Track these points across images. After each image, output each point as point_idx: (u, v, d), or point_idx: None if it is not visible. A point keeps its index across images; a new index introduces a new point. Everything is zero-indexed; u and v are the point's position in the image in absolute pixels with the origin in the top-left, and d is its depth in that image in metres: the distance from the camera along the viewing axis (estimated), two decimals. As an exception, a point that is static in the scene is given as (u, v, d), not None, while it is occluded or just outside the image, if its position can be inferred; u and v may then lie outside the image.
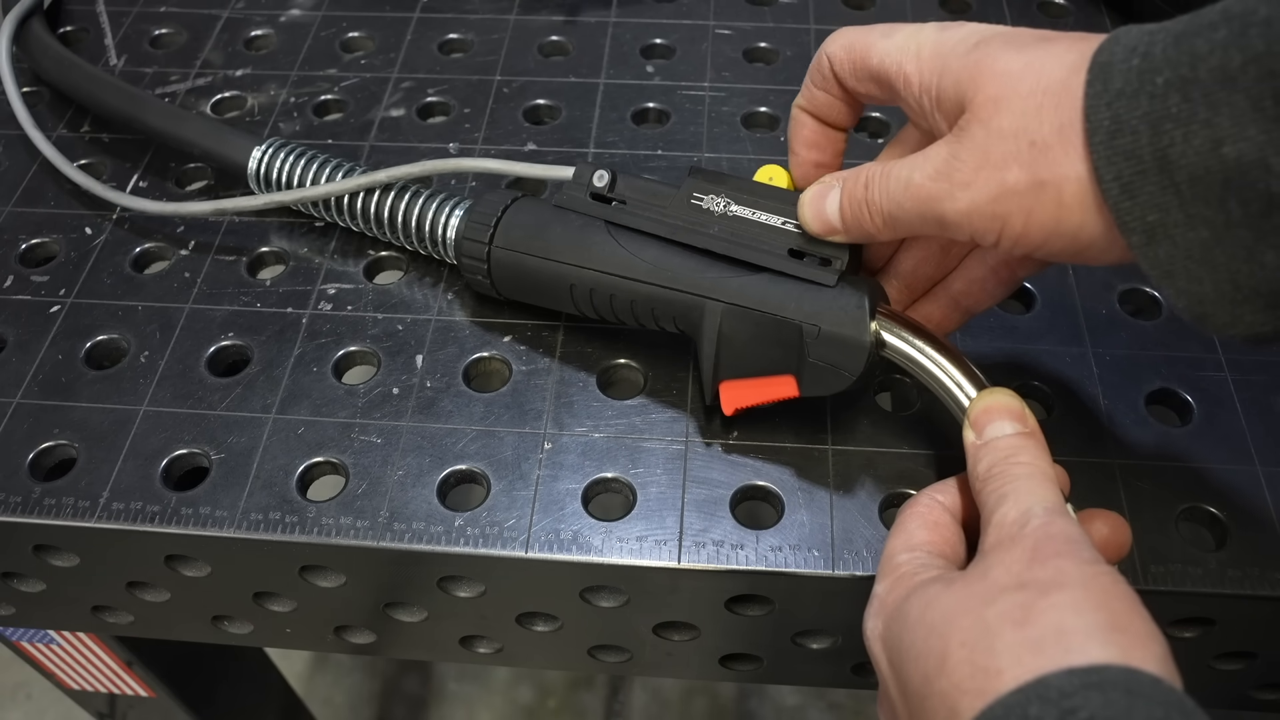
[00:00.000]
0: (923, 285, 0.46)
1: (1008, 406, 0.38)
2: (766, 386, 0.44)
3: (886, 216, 0.39)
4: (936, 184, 0.37)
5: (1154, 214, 0.33)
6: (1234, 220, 0.32)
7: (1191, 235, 0.32)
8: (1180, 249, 0.33)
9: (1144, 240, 0.33)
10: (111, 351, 0.52)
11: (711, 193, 0.45)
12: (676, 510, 0.45)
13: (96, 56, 0.68)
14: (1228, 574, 0.43)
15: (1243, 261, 0.32)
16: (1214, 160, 0.31)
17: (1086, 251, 0.35)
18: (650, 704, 1.28)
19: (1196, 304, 0.34)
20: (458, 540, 0.44)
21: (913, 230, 0.39)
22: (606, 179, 0.47)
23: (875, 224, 0.40)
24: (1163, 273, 0.33)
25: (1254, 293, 0.33)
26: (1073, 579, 0.31)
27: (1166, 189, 0.32)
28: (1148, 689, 0.28)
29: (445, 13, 0.69)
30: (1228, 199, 0.31)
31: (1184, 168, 0.32)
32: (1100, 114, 0.33)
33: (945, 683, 0.30)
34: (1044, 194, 0.34)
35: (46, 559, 0.49)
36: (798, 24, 0.68)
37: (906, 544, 0.37)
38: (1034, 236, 0.35)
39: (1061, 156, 0.34)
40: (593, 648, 0.51)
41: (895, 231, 0.40)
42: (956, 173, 0.36)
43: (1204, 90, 0.31)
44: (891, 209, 0.39)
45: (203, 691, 0.79)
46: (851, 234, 0.41)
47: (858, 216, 0.40)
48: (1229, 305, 0.33)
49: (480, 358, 0.51)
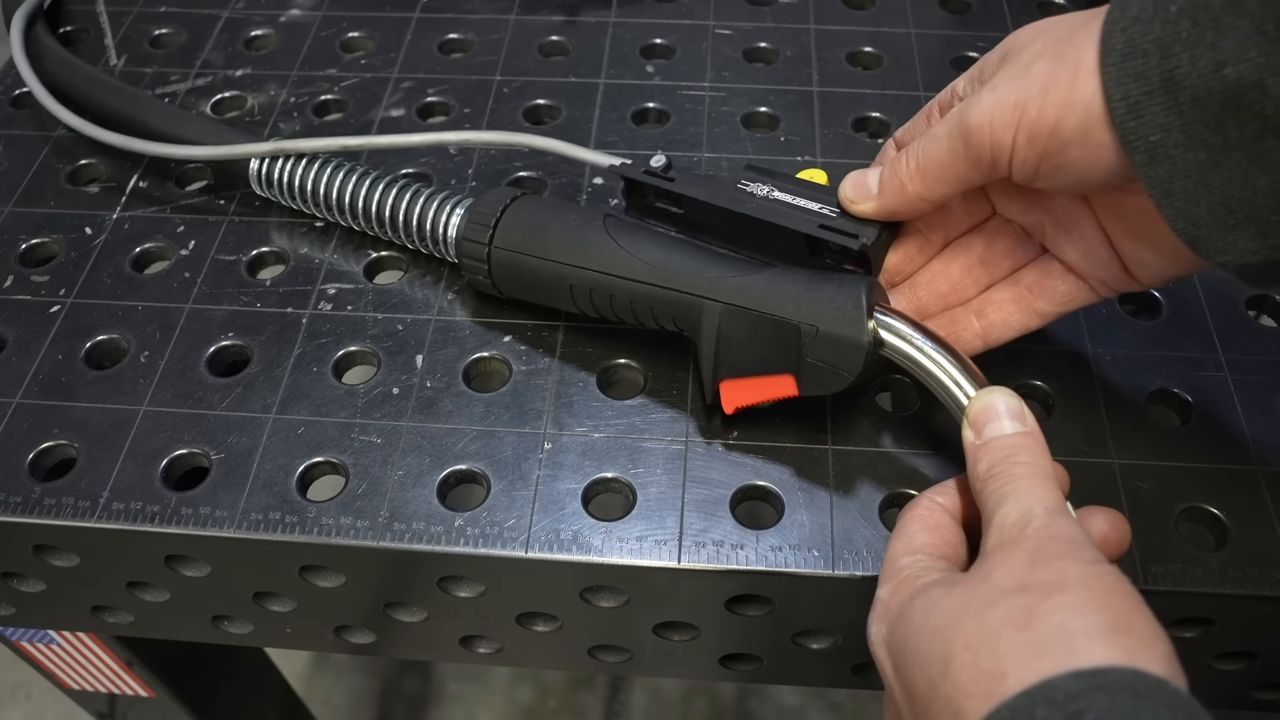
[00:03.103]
0: (944, 300, 0.46)
1: (1007, 405, 0.38)
2: (766, 386, 0.44)
3: (920, 158, 0.41)
4: (967, 91, 0.41)
5: (1157, 134, 0.34)
6: (1230, 143, 0.33)
7: (1190, 156, 0.34)
8: (1179, 169, 0.35)
9: (1146, 159, 0.35)
10: (111, 351, 0.52)
11: (759, 182, 0.47)
12: (676, 510, 0.45)
13: (96, 56, 0.68)
14: (1228, 574, 0.43)
15: (1236, 185, 0.34)
16: (1215, 81, 0.33)
17: (1094, 163, 0.36)
18: (650, 704, 1.28)
19: (1192, 226, 0.36)
20: (458, 540, 0.44)
21: (943, 175, 0.41)
22: (664, 161, 0.49)
23: (909, 169, 0.41)
24: (1163, 191, 0.35)
25: (1246, 218, 0.35)
26: (1075, 580, 0.31)
27: (1170, 110, 0.34)
28: (1154, 691, 0.28)
29: (445, 13, 0.69)
30: (1225, 121, 0.33)
31: (1187, 89, 0.33)
32: (1115, 39, 0.35)
33: (950, 687, 0.30)
34: (1062, 67, 0.36)
35: (46, 559, 0.49)
36: (798, 24, 0.68)
37: (908, 547, 0.37)
38: (1049, 118, 0.36)
39: (1082, 54, 0.36)
40: (593, 648, 0.51)
41: (926, 181, 0.41)
42: (985, 75, 0.40)
43: (1213, 15, 0.33)
44: (927, 146, 0.41)
45: (203, 691, 0.79)
46: (886, 195, 0.43)
47: (894, 173, 0.42)
48: (1222, 230, 0.35)
49: (480, 358, 0.51)
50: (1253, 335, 0.51)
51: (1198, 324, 0.51)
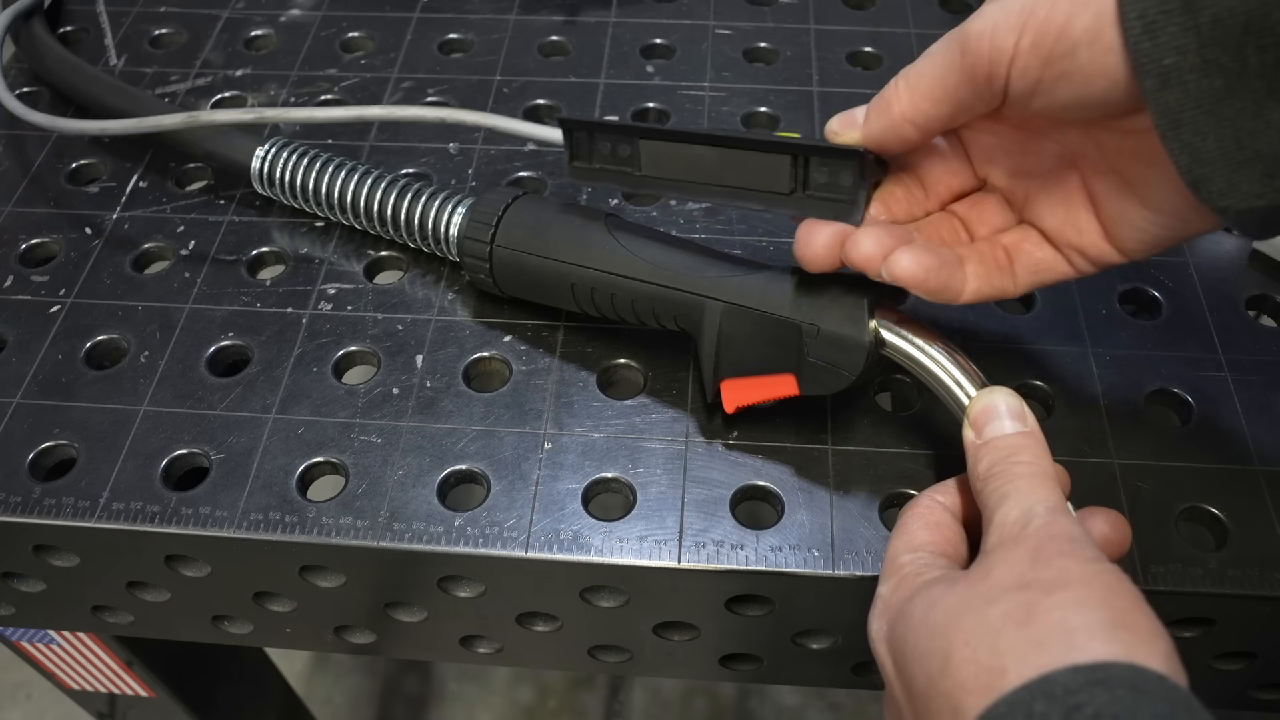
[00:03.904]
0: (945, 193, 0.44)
1: (1008, 405, 0.38)
2: (767, 385, 0.44)
3: (911, 75, 0.38)
4: None
5: (1171, 56, 0.32)
6: (1249, 69, 0.32)
7: (1205, 83, 0.32)
8: (1191, 96, 0.33)
9: (1158, 84, 0.33)
10: (111, 351, 0.52)
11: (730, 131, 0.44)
12: (676, 510, 0.45)
13: (96, 56, 0.68)
14: (1228, 574, 0.43)
15: (1249, 117, 0.32)
16: (1238, 1, 0.31)
17: (1099, 71, 0.34)
18: (650, 704, 1.28)
19: (1197, 163, 0.34)
20: (458, 540, 0.44)
21: (932, 91, 0.38)
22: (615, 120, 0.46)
23: (896, 87, 0.39)
24: (1171, 121, 0.33)
25: (1255, 154, 0.33)
26: (1076, 577, 0.31)
27: (1188, 30, 0.32)
28: (1153, 686, 0.28)
29: (445, 13, 0.69)
30: (1246, 45, 0.31)
31: (1208, 8, 0.31)
32: None
33: (949, 682, 0.30)
34: None
35: (46, 559, 0.49)
36: (798, 24, 0.68)
37: (909, 545, 0.37)
38: (1059, 15, 0.34)
39: None
40: (593, 648, 0.51)
41: (913, 98, 0.39)
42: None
43: None
44: (919, 63, 0.38)
45: (203, 691, 0.79)
46: (870, 119, 0.40)
47: (881, 95, 0.40)
48: (1228, 168, 0.34)
49: (480, 358, 0.51)
50: (1253, 335, 0.51)
51: (1198, 324, 0.51)
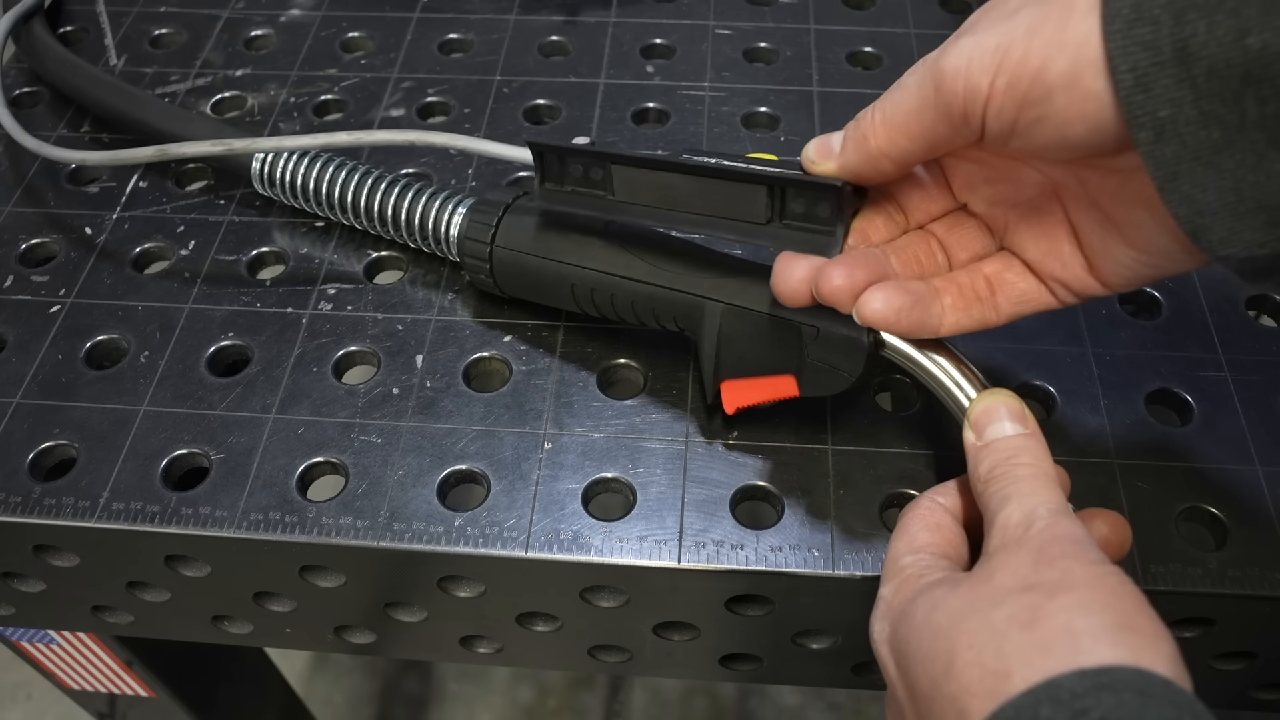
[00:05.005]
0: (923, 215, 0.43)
1: (1008, 407, 0.38)
2: (768, 386, 0.44)
3: (886, 108, 0.37)
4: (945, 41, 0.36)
5: (1166, 109, 0.31)
6: (1249, 120, 0.30)
7: (1202, 135, 0.31)
8: (1189, 148, 0.31)
9: (1152, 137, 0.32)
10: (111, 351, 0.52)
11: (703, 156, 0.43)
12: (676, 510, 0.45)
13: (96, 56, 0.68)
14: (1228, 574, 0.43)
15: (1250, 169, 0.31)
16: (1236, 52, 0.30)
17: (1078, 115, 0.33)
18: (650, 704, 1.28)
19: (1196, 214, 0.32)
20: (458, 540, 0.44)
21: (908, 126, 0.37)
22: (586, 141, 0.45)
23: (871, 120, 0.38)
24: (1167, 174, 0.32)
25: (1257, 205, 0.32)
26: (1080, 580, 0.31)
27: (1183, 83, 0.31)
28: (1159, 690, 0.28)
29: (445, 13, 0.69)
30: (1245, 95, 0.30)
31: (1204, 59, 0.30)
32: (1119, 1, 0.31)
33: (954, 685, 0.30)
34: (1052, 8, 0.33)
35: (46, 559, 0.49)
36: (798, 24, 0.68)
37: (910, 546, 0.37)
38: (1034, 59, 0.32)
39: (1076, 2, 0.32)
40: (593, 648, 0.51)
41: (889, 133, 0.37)
42: (965, 23, 0.35)
43: None
44: (894, 95, 0.37)
45: (203, 691, 0.79)
46: (847, 150, 0.39)
47: (857, 126, 0.38)
48: (1229, 218, 0.32)
49: (480, 358, 0.51)
50: (1253, 335, 0.51)
51: (1198, 324, 0.51)
